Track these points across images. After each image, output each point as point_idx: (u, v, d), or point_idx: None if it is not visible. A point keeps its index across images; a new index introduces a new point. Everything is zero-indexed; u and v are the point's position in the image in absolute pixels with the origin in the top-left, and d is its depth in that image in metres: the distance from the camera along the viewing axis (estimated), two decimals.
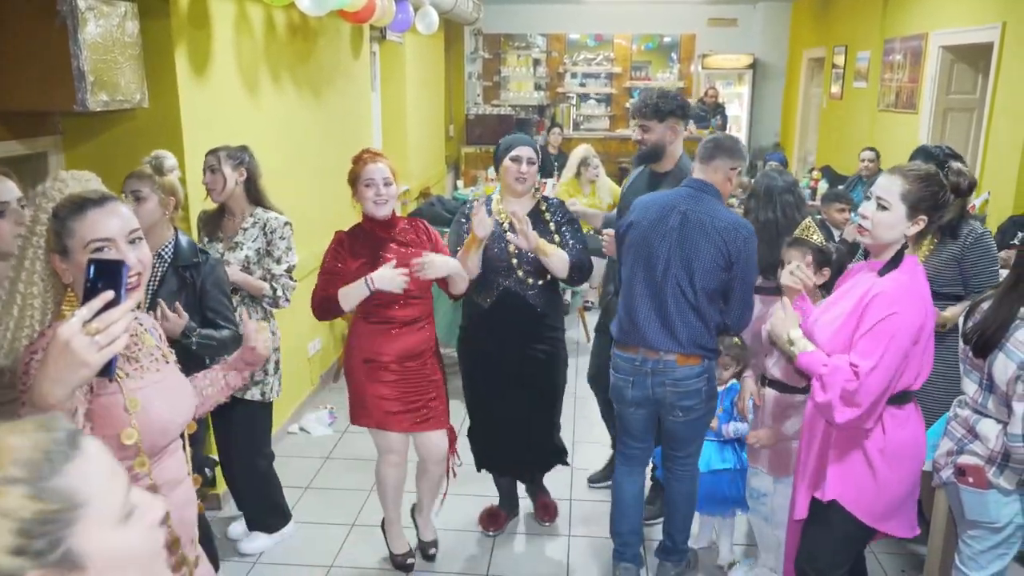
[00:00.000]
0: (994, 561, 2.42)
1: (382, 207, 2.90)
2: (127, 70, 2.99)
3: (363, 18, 4.83)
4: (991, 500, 2.34)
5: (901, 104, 7.42)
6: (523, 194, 3.17)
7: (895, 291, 2.16)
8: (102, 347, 1.25)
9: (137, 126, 3.29)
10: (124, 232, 1.58)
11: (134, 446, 1.58)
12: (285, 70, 4.39)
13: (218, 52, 3.63)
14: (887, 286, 2.18)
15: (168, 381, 1.72)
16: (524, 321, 3.16)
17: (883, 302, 2.15)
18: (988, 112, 5.85)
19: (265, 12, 4.13)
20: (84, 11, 2.73)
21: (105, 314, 1.27)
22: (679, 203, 2.79)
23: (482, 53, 12.05)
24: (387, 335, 2.96)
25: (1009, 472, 2.30)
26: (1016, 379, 2.21)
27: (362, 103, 5.90)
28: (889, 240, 2.22)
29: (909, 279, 2.20)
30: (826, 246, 2.80)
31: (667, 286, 2.77)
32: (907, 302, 2.15)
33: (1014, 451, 2.24)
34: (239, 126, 3.78)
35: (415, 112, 7.66)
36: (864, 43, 8.50)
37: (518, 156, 3.08)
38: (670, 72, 12.25)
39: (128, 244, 1.59)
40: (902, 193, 2.17)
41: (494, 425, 3.34)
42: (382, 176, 2.89)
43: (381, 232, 2.96)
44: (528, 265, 3.10)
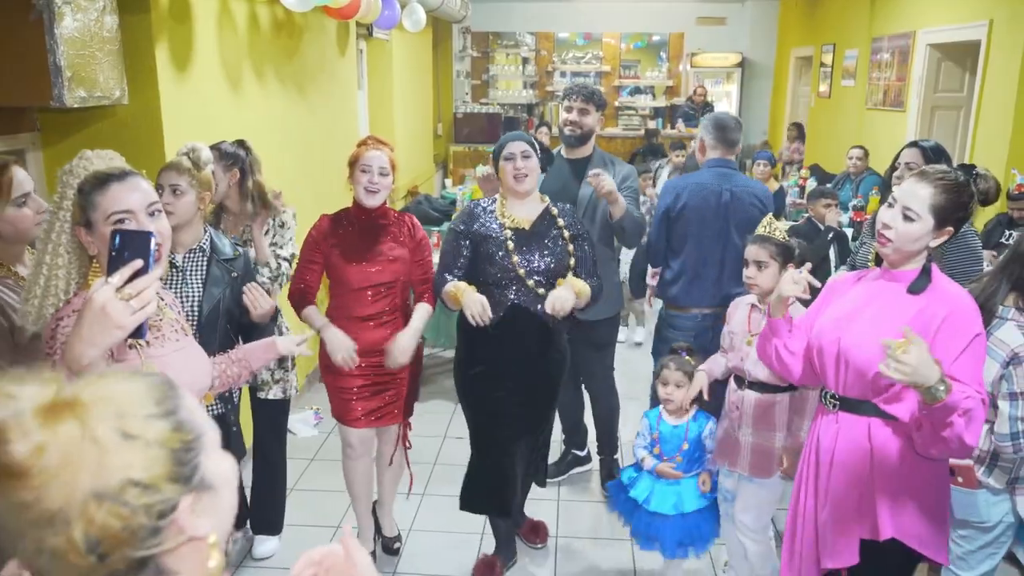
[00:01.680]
0: (984, 561, 2.41)
1: (373, 196, 2.87)
2: (106, 65, 2.93)
3: (348, 14, 4.78)
4: (980, 500, 2.34)
5: (889, 102, 7.43)
6: (526, 194, 2.91)
7: (964, 309, 1.94)
8: (135, 311, 1.37)
9: (117, 123, 3.23)
10: (144, 204, 1.71)
11: None
12: (269, 67, 4.34)
13: (200, 48, 3.58)
14: (951, 305, 1.94)
15: (188, 351, 1.84)
16: (535, 340, 2.90)
17: (960, 323, 1.91)
18: (975, 110, 5.86)
19: (248, 7, 4.08)
20: (60, 5, 2.68)
21: (137, 280, 1.37)
22: (723, 183, 3.39)
23: (470, 51, 12.01)
24: (352, 330, 2.92)
25: (998, 472, 2.29)
26: (1000, 378, 2.21)
27: (348, 101, 5.85)
28: (911, 251, 2.01)
29: (956, 290, 2.00)
30: (789, 242, 2.75)
31: (728, 251, 3.34)
32: (978, 318, 1.95)
33: (1002, 450, 2.23)
34: (221, 123, 3.73)
35: (402, 110, 7.62)
36: (852, 41, 8.51)
37: (511, 153, 2.86)
38: (659, 71, 12.25)
39: (147, 216, 1.71)
40: (932, 204, 1.95)
41: (508, 460, 3.02)
42: (379, 164, 2.86)
43: (366, 220, 2.93)
44: (539, 274, 2.85)
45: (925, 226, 1.96)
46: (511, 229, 2.86)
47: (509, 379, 2.91)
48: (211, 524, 0.89)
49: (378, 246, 2.91)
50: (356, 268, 2.89)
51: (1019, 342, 2.20)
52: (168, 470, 0.84)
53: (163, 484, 0.83)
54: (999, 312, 2.26)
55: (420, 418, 3.91)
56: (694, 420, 2.99)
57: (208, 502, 0.89)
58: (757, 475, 2.79)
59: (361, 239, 2.91)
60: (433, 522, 3.61)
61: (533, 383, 2.96)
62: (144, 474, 0.82)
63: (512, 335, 2.86)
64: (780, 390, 2.73)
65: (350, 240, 2.92)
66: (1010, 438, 2.20)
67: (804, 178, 8.09)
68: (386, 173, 2.87)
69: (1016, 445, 2.20)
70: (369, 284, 2.90)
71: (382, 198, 2.90)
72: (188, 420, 0.89)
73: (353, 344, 2.87)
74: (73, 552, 0.79)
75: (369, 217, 2.93)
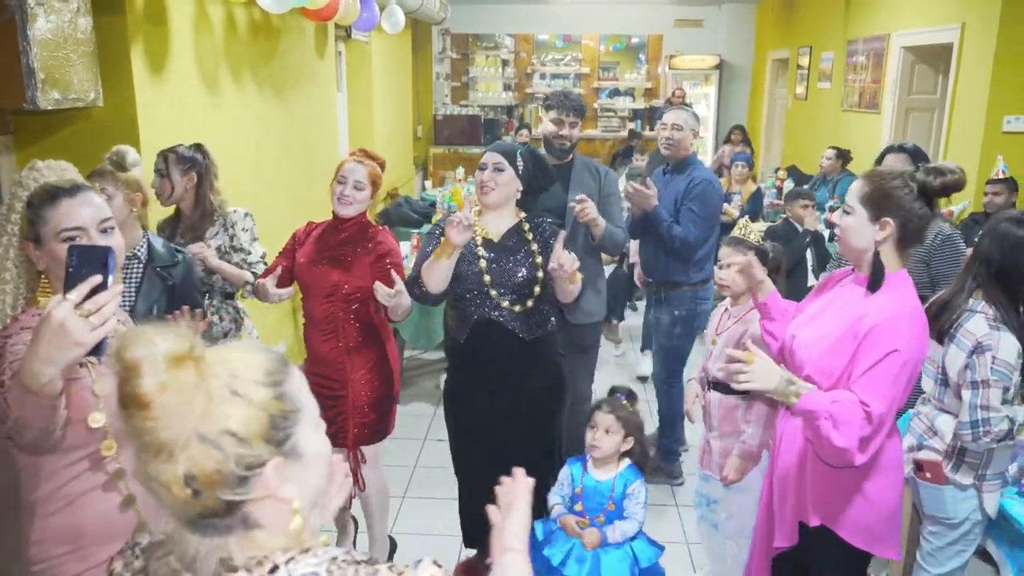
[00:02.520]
0: (953, 558, 2.44)
1: (344, 207, 2.85)
2: (80, 67, 2.90)
3: (326, 16, 4.77)
4: (947, 496, 2.37)
5: (864, 104, 7.52)
6: (496, 207, 2.81)
7: (892, 323, 1.96)
8: (95, 327, 1.33)
9: (92, 125, 3.20)
10: (95, 221, 1.65)
11: (101, 429, 1.61)
12: (246, 69, 4.32)
13: (176, 50, 3.56)
14: (883, 316, 1.97)
15: None
16: (510, 354, 2.75)
17: (882, 335, 1.95)
18: (948, 111, 5.94)
19: (225, 9, 4.05)
20: (33, 6, 2.64)
21: (96, 296, 1.34)
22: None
23: (450, 53, 12.00)
24: (312, 338, 2.90)
25: (965, 468, 2.33)
26: (965, 367, 2.25)
27: (327, 103, 5.83)
28: (860, 247, 2.05)
29: (904, 306, 2.00)
30: (763, 244, 2.77)
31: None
32: (905, 334, 1.96)
33: (962, 438, 2.28)
34: (198, 126, 3.70)
35: (382, 112, 7.60)
36: (828, 44, 8.60)
37: (483, 163, 2.79)
38: (638, 73, 12.30)
39: (100, 233, 1.65)
40: (861, 196, 2.02)
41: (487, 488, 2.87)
42: (354, 178, 2.83)
43: (338, 229, 2.90)
44: (504, 287, 2.73)
45: (860, 218, 2.02)
46: (483, 238, 2.80)
47: (485, 399, 2.80)
48: (296, 490, 1.00)
49: (336, 256, 2.86)
50: (312, 271, 2.86)
51: (984, 332, 2.23)
52: (263, 430, 0.97)
53: (256, 441, 0.96)
54: (969, 305, 2.30)
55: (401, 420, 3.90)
56: (621, 476, 2.62)
57: (295, 469, 1.00)
58: (728, 481, 2.79)
59: (328, 248, 2.89)
60: (414, 524, 3.61)
61: (513, 405, 2.78)
62: (242, 428, 0.95)
63: (484, 349, 2.77)
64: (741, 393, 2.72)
65: (318, 245, 2.90)
66: (970, 426, 2.24)
67: (781, 179, 8.16)
68: (361, 188, 2.84)
69: (975, 433, 2.23)
70: (320, 290, 2.85)
71: (355, 211, 2.86)
72: (291, 393, 1.01)
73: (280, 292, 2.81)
74: (175, 482, 0.93)
75: (342, 227, 2.90)
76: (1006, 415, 2.21)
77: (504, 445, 2.75)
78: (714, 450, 2.82)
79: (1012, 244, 2.25)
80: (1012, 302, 2.25)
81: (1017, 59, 5.27)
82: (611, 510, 2.60)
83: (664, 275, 3.87)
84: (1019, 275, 2.24)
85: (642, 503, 2.59)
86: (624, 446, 2.62)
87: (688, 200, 3.75)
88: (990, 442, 2.23)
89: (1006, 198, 4.76)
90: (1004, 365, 2.21)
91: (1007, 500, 2.43)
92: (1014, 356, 2.22)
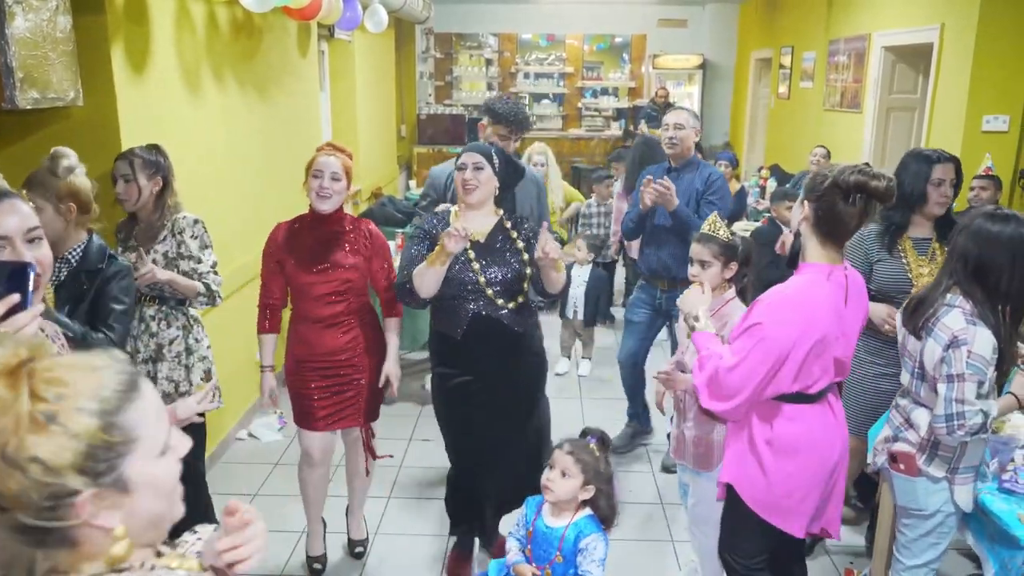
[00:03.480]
0: (927, 550, 2.46)
1: (324, 201, 2.86)
2: (59, 66, 2.87)
3: (309, 15, 4.75)
4: (920, 487, 2.41)
5: (846, 103, 7.57)
6: (478, 206, 2.88)
7: (771, 301, 2.20)
8: None
9: (72, 125, 3.16)
10: (22, 230, 1.54)
11: None
12: (228, 68, 4.29)
13: (157, 49, 3.53)
14: (771, 295, 2.23)
15: None
16: (503, 347, 2.87)
17: (759, 309, 2.22)
18: (929, 111, 5.99)
19: (207, 8, 4.02)
20: (11, 4, 2.61)
21: (13, 318, 1.25)
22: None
23: (433, 52, 11.98)
24: (312, 333, 2.94)
25: (938, 461, 2.37)
26: (941, 360, 2.28)
27: (310, 102, 5.80)
28: (794, 227, 2.34)
29: (794, 291, 2.21)
30: (732, 240, 2.79)
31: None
32: (778, 315, 2.16)
33: (937, 431, 2.31)
34: (179, 125, 3.67)
35: (366, 112, 7.58)
36: (810, 44, 8.66)
37: (463, 163, 2.85)
38: (621, 72, 12.34)
39: (26, 243, 1.54)
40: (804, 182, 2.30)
41: (484, 471, 3.00)
42: (331, 170, 2.85)
43: (320, 226, 2.92)
44: (498, 285, 2.84)
45: (798, 201, 2.30)
46: (468, 241, 2.80)
47: (481, 392, 2.89)
48: (122, 517, 0.95)
49: (332, 253, 2.90)
50: (310, 276, 2.89)
51: (960, 326, 2.26)
52: (78, 461, 0.91)
53: (68, 472, 0.90)
54: (946, 300, 2.33)
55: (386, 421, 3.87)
56: (574, 525, 2.35)
57: (118, 500, 0.95)
58: (699, 467, 2.84)
59: (316, 245, 2.90)
60: (399, 524, 3.60)
61: (507, 396, 2.91)
62: (52, 457, 0.89)
63: (479, 345, 2.84)
64: None
65: (305, 246, 2.91)
66: (944, 419, 2.26)
67: (764, 178, 8.22)
68: (338, 178, 2.86)
69: (950, 426, 2.26)
70: (324, 291, 2.90)
71: (335, 203, 2.89)
72: (125, 424, 0.95)
73: (272, 389, 3.04)
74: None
75: (324, 223, 2.91)
76: (980, 409, 2.24)
77: (499, 433, 2.92)
78: (687, 439, 2.85)
79: (986, 239, 2.27)
80: (988, 298, 2.28)
81: (996, 59, 5.33)
82: (558, 562, 2.33)
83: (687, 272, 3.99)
84: (995, 270, 2.26)
85: (598, 561, 2.29)
86: (583, 494, 2.34)
87: (710, 194, 3.89)
88: (964, 435, 2.26)
89: (991, 194, 4.82)
90: (979, 359, 2.23)
91: (988, 496, 2.46)
92: (989, 351, 2.24)
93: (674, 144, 3.92)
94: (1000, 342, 2.26)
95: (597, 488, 2.34)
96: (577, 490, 2.32)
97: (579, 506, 2.37)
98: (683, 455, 2.91)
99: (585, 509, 2.37)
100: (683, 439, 2.88)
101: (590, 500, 2.36)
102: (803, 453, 2.29)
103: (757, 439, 2.31)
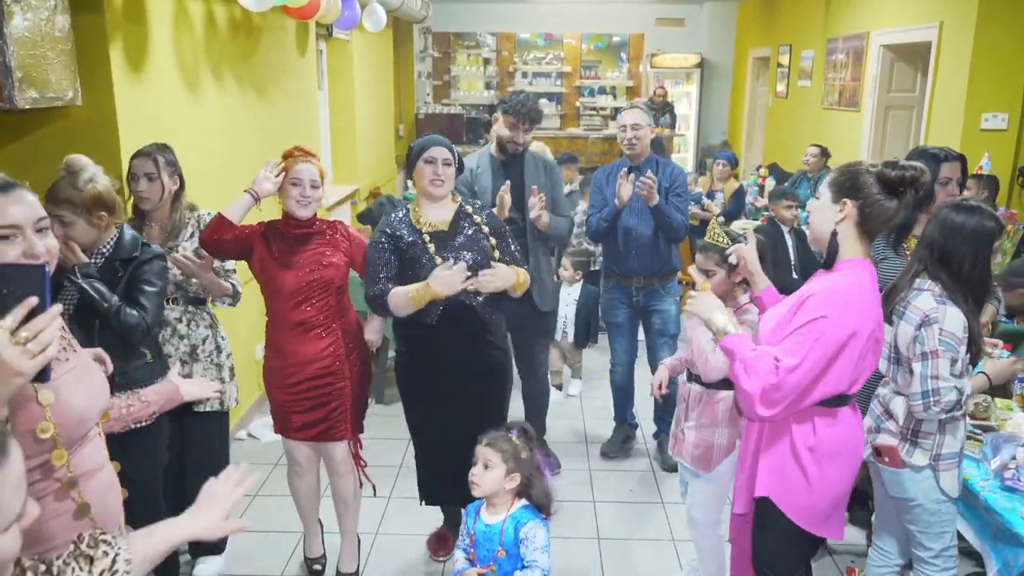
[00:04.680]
0: (935, 539, 2.46)
1: (306, 208, 2.83)
2: (58, 66, 2.86)
3: (307, 14, 4.74)
4: (906, 478, 2.44)
5: (844, 102, 7.58)
6: (441, 199, 2.92)
7: (828, 293, 2.10)
8: (35, 355, 1.24)
9: (71, 124, 3.16)
10: (31, 220, 1.52)
11: (50, 439, 1.53)
12: (227, 67, 4.28)
13: (156, 48, 3.52)
14: (823, 287, 2.14)
15: (78, 370, 1.65)
16: (471, 334, 2.91)
17: (815, 303, 2.10)
18: (927, 109, 6.00)
19: (205, 7, 4.02)
20: (10, 3, 2.61)
21: (34, 321, 1.24)
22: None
23: (431, 52, 11.97)
24: (289, 339, 2.86)
25: (920, 450, 2.40)
26: (914, 340, 2.35)
27: (308, 101, 5.79)
28: (821, 227, 2.21)
29: (848, 282, 2.12)
30: (730, 244, 2.70)
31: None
32: (839, 306, 2.08)
33: (914, 410, 2.36)
34: (178, 125, 3.66)
35: (364, 111, 7.57)
36: (808, 42, 8.66)
37: (433, 157, 2.84)
38: (619, 71, 12.34)
39: (36, 232, 1.52)
40: (828, 181, 2.20)
41: (444, 451, 2.99)
42: (310, 177, 2.82)
43: (296, 231, 2.87)
44: (471, 270, 2.80)
45: (824, 200, 2.20)
46: (429, 233, 2.86)
47: (449, 377, 2.92)
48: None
49: (309, 252, 2.85)
50: (287, 273, 2.82)
51: (931, 306, 2.33)
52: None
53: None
54: (916, 284, 2.42)
55: (384, 420, 3.86)
56: (511, 517, 2.34)
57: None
58: (698, 468, 2.84)
59: (292, 247, 2.85)
60: (399, 524, 3.60)
61: (473, 381, 2.95)
62: None
63: (449, 330, 2.85)
64: (725, 387, 2.76)
65: (280, 248, 2.85)
66: (920, 396, 2.32)
67: (763, 177, 8.21)
68: (317, 185, 2.84)
69: (926, 403, 2.31)
70: (300, 287, 2.82)
71: (314, 210, 2.86)
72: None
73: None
74: None
75: (299, 226, 2.87)
76: (955, 385, 2.30)
77: (458, 415, 2.92)
78: (688, 439, 2.85)
79: (950, 228, 2.38)
80: (954, 281, 2.36)
81: (994, 57, 5.34)
82: (502, 557, 2.31)
83: (665, 266, 4.04)
84: (958, 256, 2.36)
85: (541, 548, 2.29)
86: (508, 484, 2.32)
87: (676, 188, 3.96)
88: (939, 412, 2.30)
89: (975, 192, 4.81)
90: (951, 336, 2.31)
91: (990, 495, 2.46)
92: (960, 329, 2.32)
93: (632, 144, 3.93)
94: (968, 322, 2.34)
95: (525, 476, 2.34)
96: (502, 480, 2.32)
97: (514, 498, 2.37)
98: (682, 454, 2.91)
99: (520, 500, 2.37)
100: (683, 438, 2.88)
101: (522, 490, 2.36)
102: (844, 455, 2.22)
103: (799, 447, 2.20)
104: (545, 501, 2.37)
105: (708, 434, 2.80)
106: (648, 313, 4.08)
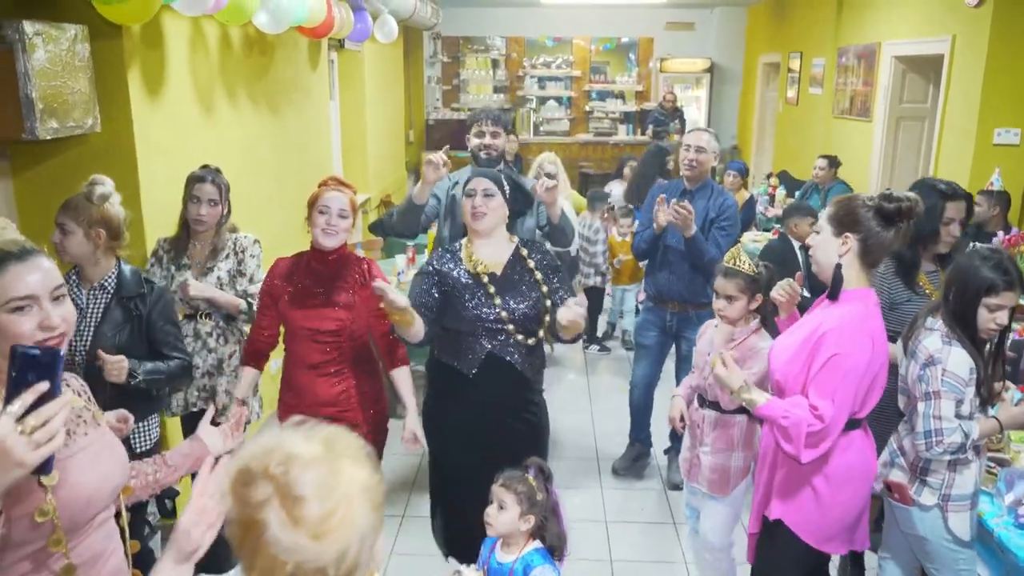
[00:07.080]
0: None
1: (331, 238, 2.75)
2: (78, 95, 2.89)
3: (322, 33, 4.76)
4: (915, 515, 2.46)
5: (855, 111, 7.55)
6: (487, 234, 2.74)
7: (839, 329, 2.19)
8: (39, 445, 1.18)
9: (90, 150, 3.19)
10: (48, 289, 1.47)
11: (48, 523, 1.44)
12: (242, 87, 4.30)
13: (173, 73, 3.54)
14: (834, 322, 2.21)
15: (95, 447, 1.57)
16: (509, 391, 2.74)
17: (828, 341, 2.20)
18: (939, 122, 5.97)
19: (220, 30, 4.04)
20: (32, 36, 2.64)
21: (42, 408, 1.18)
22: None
23: (441, 57, 11.98)
24: (305, 380, 2.81)
25: (928, 489, 2.41)
26: (919, 379, 2.37)
27: (320, 114, 5.81)
28: (825, 261, 2.29)
29: (854, 315, 2.21)
30: (758, 273, 2.74)
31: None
32: (850, 341, 2.18)
33: (918, 449, 2.37)
34: (195, 148, 3.69)
35: (374, 118, 7.59)
36: (818, 50, 8.63)
37: (472, 190, 2.70)
38: (629, 75, 12.32)
39: (52, 302, 1.47)
40: (828, 216, 2.29)
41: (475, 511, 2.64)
42: (338, 206, 2.74)
43: (321, 263, 2.80)
44: (520, 319, 2.68)
45: (825, 235, 2.29)
46: (485, 275, 2.70)
47: (475, 428, 2.75)
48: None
49: (328, 292, 2.78)
50: (301, 314, 2.78)
51: (937, 347, 2.35)
52: None
53: None
54: (927, 324, 2.43)
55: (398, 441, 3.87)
56: (521, 559, 2.33)
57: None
58: (715, 492, 2.85)
59: (314, 284, 2.79)
60: (412, 545, 3.61)
61: (501, 437, 2.74)
62: None
63: (486, 385, 2.70)
64: (737, 412, 2.78)
65: (303, 284, 2.81)
66: (924, 436, 2.33)
67: (774, 186, 8.20)
68: (346, 216, 2.75)
69: (928, 443, 2.32)
70: (313, 331, 2.76)
71: (340, 240, 2.78)
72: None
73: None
74: None
75: (325, 260, 2.80)
76: (959, 427, 2.29)
77: (490, 476, 2.58)
78: (703, 464, 2.86)
79: (958, 270, 2.41)
80: (959, 324, 2.36)
81: (1008, 72, 5.31)
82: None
83: (701, 294, 3.86)
84: (961, 299, 2.36)
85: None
86: (523, 525, 2.31)
87: (722, 220, 3.83)
88: (943, 452, 2.31)
89: (986, 209, 4.78)
90: (954, 378, 2.31)
91: (1004, 532, 2.46)
92: (965, 370, 2.32)
93: (692, 167, 3.86)
94: (976, 364, 2.34)
95: (539, 518, 2.33)
96: (516, 521, 2.31)
97: (528, 539, 2.36)
98: (697, 479, 2.92)
99: (534, 542, 2.36)
100: (698, 463, 2.89)
101: (536, 531, 2.35)
102: (857, 480, 2.33)
103: (812, 473, 2.31)
104: (558, 543, 2.37)
105: (724, 458, 2.82)
106: (679, 339, 4.05)
